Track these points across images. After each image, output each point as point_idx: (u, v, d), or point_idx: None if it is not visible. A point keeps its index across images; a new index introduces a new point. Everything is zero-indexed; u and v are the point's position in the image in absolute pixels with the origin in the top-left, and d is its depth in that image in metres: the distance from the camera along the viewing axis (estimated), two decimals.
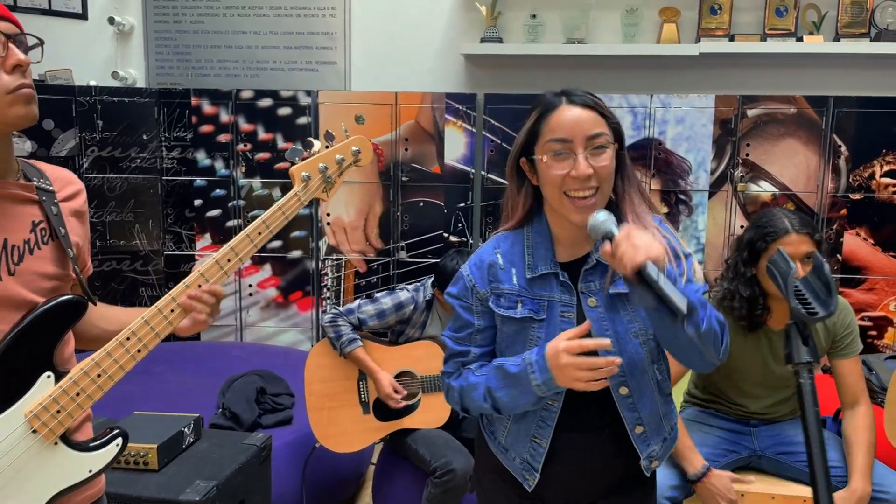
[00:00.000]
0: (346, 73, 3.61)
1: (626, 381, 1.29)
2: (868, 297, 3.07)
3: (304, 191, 1.30)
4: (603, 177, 1.24)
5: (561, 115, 1.25)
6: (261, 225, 1.24)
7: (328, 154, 1.36)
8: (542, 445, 1.30)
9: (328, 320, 2.30)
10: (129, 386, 2.67)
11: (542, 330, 1.28)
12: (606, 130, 1.25)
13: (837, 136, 3.01)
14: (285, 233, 3.33)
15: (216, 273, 1.20)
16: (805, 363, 0.97)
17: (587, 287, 1.30)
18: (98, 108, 3.31)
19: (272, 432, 2.32)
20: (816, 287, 1.01)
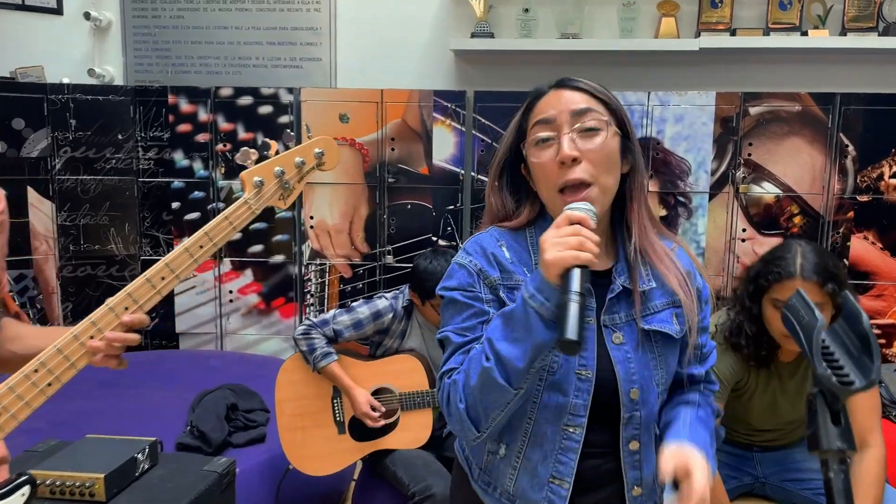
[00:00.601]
0: (331, 69, 3.47)
1: (639, 435, 1.12)
2: (876, 303, 2.93)
3: (256, 198, 1.16)
4: (596, 163, 1.05)
5: (548, 98, 1.12)
6: (203, 237, 1.10)
7: (286, 157, 1.22)
8: (565, 488, 1.09)
9: (300, 332, 2.15)
10: (94, 402, 2.54)
11: None
12: (600, 109, 1.09)
13: (844, 135, 2.87)
14: (267, 237, 3.19)
15: (147, 293, 1.06)
16: (836, 451, 0.71)
17: (612, 320, 1.11)
18: (71, 106, 3.17)
19: (244, 451, 2.19)
20: (849, 342, 0.73)
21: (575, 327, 0.90)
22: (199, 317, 3.26)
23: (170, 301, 3.24)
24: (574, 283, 0.92)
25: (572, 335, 0.89)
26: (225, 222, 1.12)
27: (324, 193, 3.14)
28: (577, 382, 1.08)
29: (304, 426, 2.14)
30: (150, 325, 3.26)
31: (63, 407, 2.48)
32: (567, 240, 0.95)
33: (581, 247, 0.94)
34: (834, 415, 0.72)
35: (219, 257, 3.21)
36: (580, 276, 0.93)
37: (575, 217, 0.98)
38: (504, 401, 1.02)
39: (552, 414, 1.08)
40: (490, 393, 1.01)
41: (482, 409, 1.03)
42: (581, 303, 0.91)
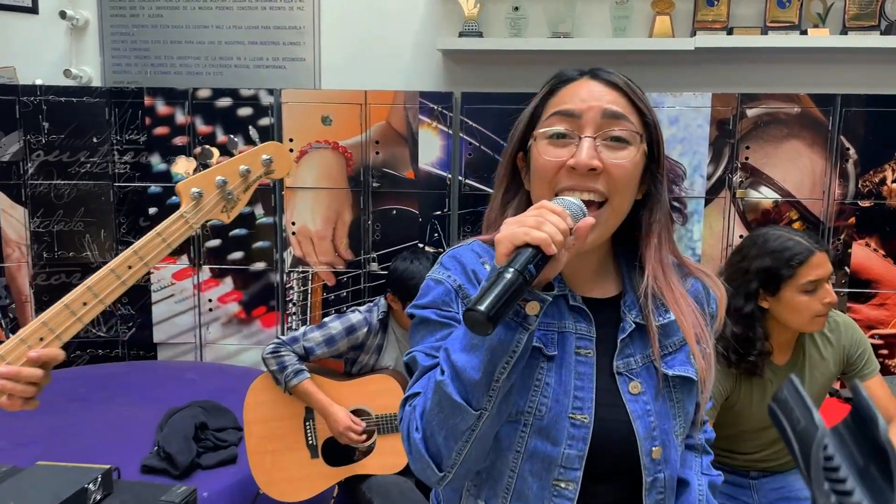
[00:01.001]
0: (315, 70, 3.36)
1: (664, 499, 0.95)
2: (879, 312, 2.82)
3: (193, 211, 1.05)
4: (616, 182, 0.91)
5: (575, 87, 0.95)
6: (132, 257, 0.99)
7: (229, 165, 1.10)
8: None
9: (269, 351, 2.04)
10: (63, 418, 2.43)
11: (553, 373, 0.92)
12: (635, 122, 0.93)
13: (845, 138, 2.76)
14: (247, 244, 3.08)
15: (66, 322, 0.94)
16: None
17: (626, 365, 0.95)
18: (44, 108, 3.05)
19: (212, 474, 2.08)
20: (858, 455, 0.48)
21: (489, 299, 0.74)
22: (178, 326, 3.15)
23: (147, 310, 3.13)
24: (517, 260, 0.78)
25: (481, 305, 0.73)
26: (158, 239, 1.01)
27: (306, 199, 3.02)
28: (570, 429, 0.92)
29: (275, 449, 2.03)
30: (128, 335, 3.15)
31: (30, 424, 2.38)
32: (524, 218, 0.81)
33: (538, 226, 0.79)
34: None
35: (198, 265, 3.10)
36: (528, 255, 0.78)
37: (548, 205, 0.83)
38: (465, 426, 0.84)
39: (540, 466, 0.92)
40: (449, 416, 0.84)
41: (442, 439, 0.86)
42: (514, 280, 0.76)
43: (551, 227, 0.79)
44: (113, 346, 3.18)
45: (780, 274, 1.59)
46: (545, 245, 0.78)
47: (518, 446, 0.92)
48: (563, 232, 0.80)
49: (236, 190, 1.10)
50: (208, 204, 1.07)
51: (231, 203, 1.11)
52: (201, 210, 1.07)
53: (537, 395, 0.91)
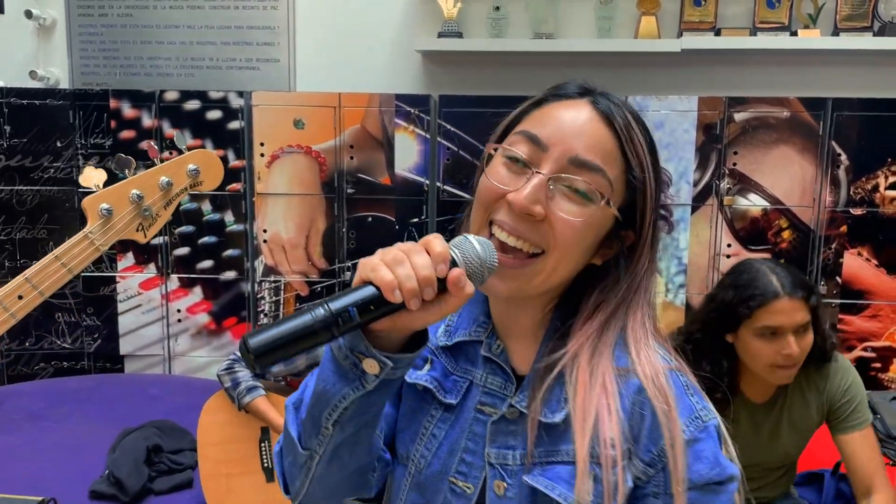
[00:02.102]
0: (290, 71, 3.24)
1: None
2: (871, 324, 2.72)
3: (101, 230, 0.93)
4: (558, 237, 0.75)
5: (563, 108, 0.79)
6: (23, 285, 0.87)
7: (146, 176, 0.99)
8: None
9: (223, 368, 1.93)
10: (16, 436, 2.31)
11: (445, 425, 0.81)
12: (613, 176, 0.77)
13: (836, 143, 2.66)
14: (217, 252, 2.96)
15: None
16: None
17: (499, 457, 0.79)
18: (6, 111, 2.93)
19: (167, 499, 1.96)
20: None
21: (268, 334, 0.63)
22: (145, 338, 3.03)
23: (113, 321, 3.01)
24: (346, 297, 0.66)
25: (254, 337, 0.63)
26: (56, 264, 0.90)
27: (278, 205, 2.91)
28: (447, 494, 0.80)
29: (229, 473, 1.92)
30: (93, 347, 3.03)
31: None
32: (389, 251, 0.69)
33: (393, 264, 0.66)
34: None
35: (166, 274, 2.98)
36: (363, 295, 0.66)
37: (431, 242, 0.69)
38: (300, 462, 0.77)
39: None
40: (287, 443, 0.79)
41: (287, 464, 0.81)
42: (319, 319, 0.63)
43: (407, 270, 0.66)
44: (78, 359, 3.06)
45: (737, 311, 1.49)
46: (386, 289, 0.66)
47: (402, 494, 0.84)
48: (424, 280, 0.66)
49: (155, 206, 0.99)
50: (120, 222, 0.96)
51: (148, 220, 0.99)
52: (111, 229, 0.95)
53: (421, 446, 0.82)
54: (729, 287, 1.53)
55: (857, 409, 1.59)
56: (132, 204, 0.96)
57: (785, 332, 1.45)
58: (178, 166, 1.02)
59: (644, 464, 0.75)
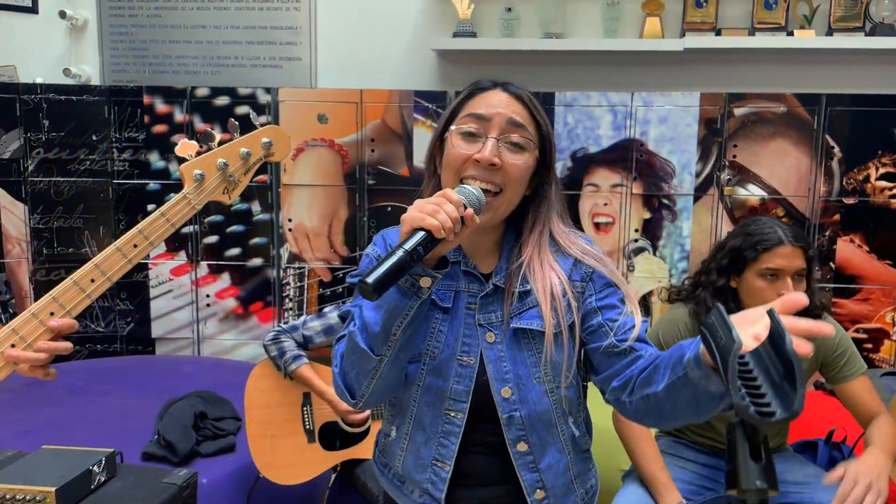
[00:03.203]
0: (311, 69, 3.41)
1: (525, 435, 1.12)
2: (863, 307, 2.88)
3: (196, 192, 1.10)
4: (510, 178, 1.09)
5: (488, 95, 1.13)
6: (137, 236, 1.04)
7: (230, 147, 1.15)
8: (446, 469, 1.13)
9: (270, 338, 2.10)
10: (63, 409, 2.47)
11: (446, 323, 1.13)
12: (532, 132, 1.12)
13: (830, 137, 2.83)
14: (244, 240, 3.13)
15: (75, 297, 1.00)
16: (756, 490, 0.62)
17: (486, 318, 1.13)
18: (44, 107, 3.10)
19: (212, 461, 2.13)
20: (773, 367, 0.65)
21: (377, 272, 0.90)
22: (176, 321, 3.20)
23: (145, 305, 3.18)
24: (409, 241, 0.94)
25: (369, 277, 0.90)
26: (162, 219, 1.07)
27: (302, 195, 3.08)
28: (458, 368, 1.11)
29: (274, 434, 2.09)
30: (126, 330, 3.20)
31: (30, 414, 2.42)
32: (425, 205, 0.97)
33: (433, 213, 0.95)
34: (754, 449, 0.63)
35: (195, 261, 3.15)
36: (418, 238, 0.94)
37: (448, 193, 0.99)
38: (370, 367, 1.04)
39: (434, 398, 1.12)
40: (358, 359, 1.04)
41: (353, 375, 1.07)
42: (402, 258, 0.92)
43: (444, 216, 0.95)
44: (112, 342, 3.22)
45: (745, 255, 1.67)
46: (435, 230, 0.95)
47: (419, 381, 1.13)
48: (455, 220, 0.96)
49: (237, 172, 1.15)
50: (210, 185, 1.12)
51: (232, 185, 1.16)
52: (203, 191, 1.12)
53: (432, 340, 1.12)
54: (739, 235, 1.72)
55: (850, 361, 1.77)
56: (219, 171, 1.12)
57: (784, 275, 1.63)
58: (254, 139, 1.18)
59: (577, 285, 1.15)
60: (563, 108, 2.92)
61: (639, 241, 2.95)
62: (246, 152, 1.15)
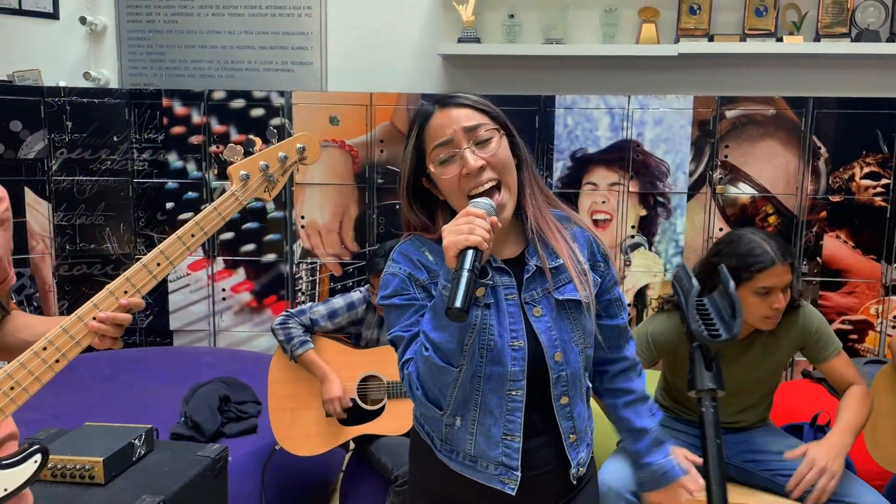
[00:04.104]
0: (322, 73, 3.56)
1: (567, 390, 1.27)
2: (848, 300, 3.03)
3: (242, 190, 1.25)
4: (498, 166, 1.21)
5: (435, 120, 1.24)
6: (194, 227, 1.19)
7: (270, 152, 1.30)
8: (517, 441, 1.25)
9: (278, 322, 2.26)
10: (92, 394, 2.63)
11: (493, 317, 1.23)
12: (487, 121, 1.23)
13: (817, 138, 2.97)
14: (259, 236, 3.28)
15: (145, 279, 1.14)
16: (708, 390, 0.89)
17: (530, 297, 1.27)
18: (67, 109, 3.24)
19: (236, 441, 2.27)
20: (722, 306, 0.93)
21: (460, 297, 1.02)
22: (193, 314, 3.34)
23: (164, 298, 3.32)
24: (465, 261, 1.05)
25: (457, 303, 1.01)
26: (214, 213, 1.21)
27: (314, 194, 3.22)
28: (512, 353, 1.23)
29: (294, 407, 2.24)
30: (145, 322, 3.34)
31: (61, 400, 2.57)
32: (460, 227, 1.09)
33: (471, 231, 1.07)
34: (707, 362, 0.89)
35: (212, 256, 3.29)
36: (471, 256, 1.06)
37: (471, 210, 1.11)
38: (451, 379, 1.17)
39: (496, 384, 1.24)
40: (438, 376, 1.16)
41: (437, 391, 1.19)
42: (470, 277, 1.04)
43: (481, 230, 1.08)
44: (131, 333, 3.37)
45: (740, 276, 1.80)
46: (479, 245, 1.07)
47: (480, 373, 1.24)
48: (488, 230, 1.10)
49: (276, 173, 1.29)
50: (254, 184, 1.27)
51: (272, 184, 1.30)
52: (248, 189, 1.26)
53: (485, 334, 1.22)
54: (731, 255, 1.83)
55: (827, 342, 1.93)
56: (261, 172, 1.27)
57: (776, 291, 1.78)
58: (290, 145, 1.33)
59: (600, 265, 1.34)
60: (564, 111, 3.06)
61: (635, 237, 3.09)
62: (283, 156, 1.29)
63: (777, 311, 1.81)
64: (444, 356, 1.14)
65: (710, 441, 0.86)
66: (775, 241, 1.83)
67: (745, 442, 1.97)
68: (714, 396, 0.89)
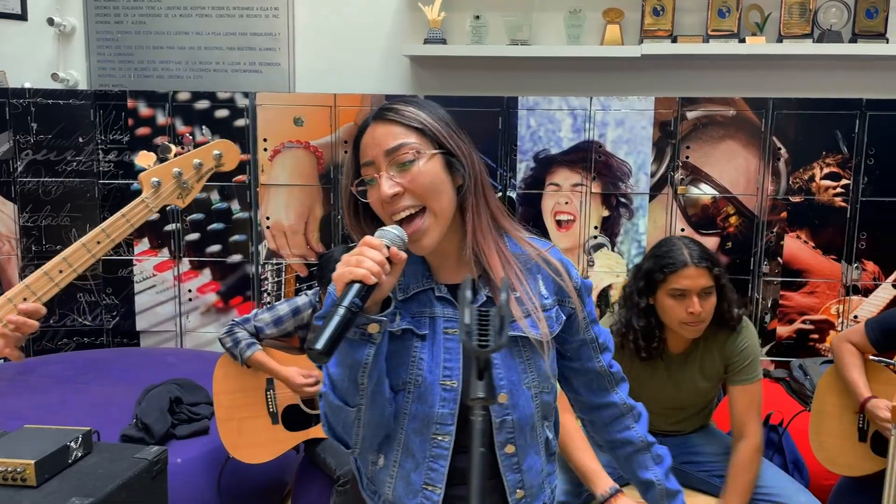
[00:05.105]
0: (290, 74, 3.56)
1: (513, 438, 1.16)
2: (809, 300, 3.05)
3: (153, 197, 1.26)
4: (419, 192, 1.09)
5: (366, 136, 1.13)
6: (100, 234, 1.20)
7: (184, 159, 1.32)
8: (437, 493, 1.14)
9: (224, 332, 2.27)
10: (49, 396, 2.63)
11: (426, 350, 1.14)
12: (414, 140, 1.10)
13: (777, 139, 2.99)
14: (224, 237, 3.28)
15: (45, 286, 1.15)
16: (478, 399, 0.87)
17: None
18: (32, 110, 3.25)
19: (187, 443, 2.28)
20: (496, 319, 0.93)
21: (323, 338, 0.94)
22: (159, 315, 3.35)
23: (130, 300, 3.33)
24: (345, 297, 0.97)
25: (316, 345, 0.94)
26: (122, 220, 1.22)
27: (279, 195, 3.23)
28: (442, 393, 1.13)
29: (240, 417, 2.25)
30: (112, 324, 3.35)
31: (20, 401, 2.57)
32: (350, 258, 1.02)
33: (359, 264, 1.00)
34: (480, 372, 0.89)
35: (178, 257, 3.30)
36: (354, 291, 0.98)
37: (368, 241, 1.03)
38: (350, 419, 1.09)
39: (420, 424, 1.14)
40: (336, 414, 1.10)
41: (340, 429, 1.13)
42: (345, 315, 0.97)
43: (369, 262, 0.99)
44: (98, 335, 3.38)
45: (654, 277, 1.82)
46: (365, 279, 0.99)
47: (405, 410, 1.15)
48: (380, 262, 1.00)
49: (190, 180, 1.30)
50: (166, 191, 1.28)
51: (185, 191, 1.31)
52: (159, 196, 1.27)
53: (414, 368, 1.14)
54: (650, 257, 1.88)
55: (749, 367, 1.91)
56: (174, 178, 1.28)
57: (690, 294, 1.78)
58: (206, 151, 1.34)
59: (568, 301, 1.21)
60: (526, 112, 3.07)
61: (598, 237, 3.11)
62: (198, 163, 1.30)
63: (694, 316, 1.79)
64: (340, 394, 1.08)
65: (475, 449, 0.86)
66: (698, 247, 1.84)
67: (682, 444, 1.99)
68: (485, 406, 0.88)
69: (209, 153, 1.34)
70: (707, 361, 1.93)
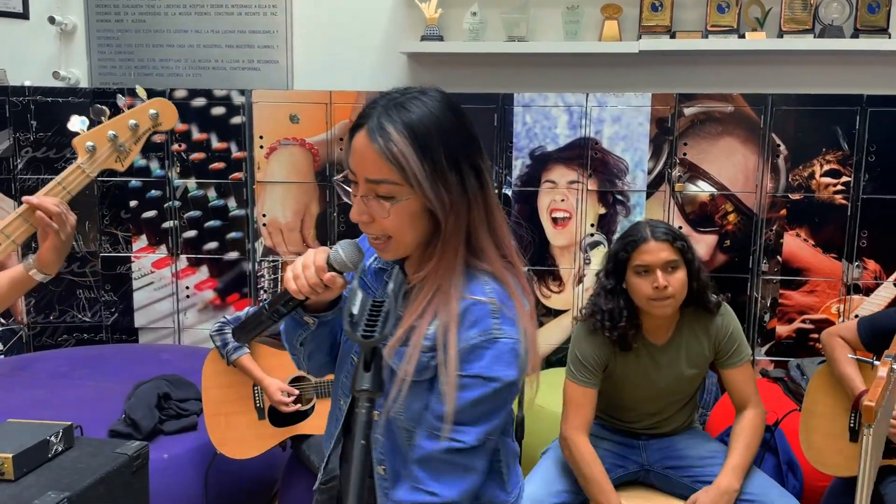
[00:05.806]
0: (288, 71, 3.56)
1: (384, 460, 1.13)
2: (809, 299, 3.00)
3: (89, 162, 1.24)
4: (386, 228, 1.03)
5: (354, 142, 1.05)
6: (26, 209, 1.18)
7: (118, 120, 1.29)
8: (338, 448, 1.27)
9: (214, 329, 2.27)
10: (42, 391, 2.65)
11: None
12: (397, 178, 1.00)
13: (776, 135, 2.95)
14: (221, 234, 3.29)
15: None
16: (363, 391, 0.87)
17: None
18: (32, 108, 3.27)
19: (175, 439, 2.29)
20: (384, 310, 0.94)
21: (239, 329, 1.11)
22: (157, 312, 3.36)
23: (128, 297, 3.34)
24: (275, 300, 1.10)
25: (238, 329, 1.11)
26: (59, 188, 1.20)
27: (275, 192, 3.23)
28: (349, 366, 1.21)
29: (228, 412, 2.25)
30: (110, 320, 3.37)
31: (14, 396, 2.59)
32: (295, 267, 1.08)
33: (295, 278, 1.07)
34: (367, 364, 0.90)
35: (175, 254, 3.31)
36: (283, 298, 1.09)
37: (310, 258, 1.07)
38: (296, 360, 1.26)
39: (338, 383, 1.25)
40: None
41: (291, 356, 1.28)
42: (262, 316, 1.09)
43: (302, 281, 1.05)
44: (97, 331, 3.40)
45: (619, 256, 1.83)
46: (294, 294, 1.07)
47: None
48: (314, 284, 1.05)
49: (127, 142, 1.28)
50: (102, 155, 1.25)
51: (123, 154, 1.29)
52: (95, 161, 1.24)
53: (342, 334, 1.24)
54: (618, 240, 1.90)
55: (738, 350, 1.90)
56: (110, 142, 1.25)
57: (654, 269, 1.77)
58: (141, 112, 1.32)
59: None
60: (522, 109, 3.05)
61: (594, 235, 3.08)
62: (134, 124, 1.28)
63: (659, 290, 1.77)
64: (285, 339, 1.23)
65: (357, 442, 0.86)
66: (662, 225, 1.86)
67: (666, 447, 1.96)
68: (371, 399, 0.88)
69: (145, 113, 1.31)
70: (693, 346, 1.91)
